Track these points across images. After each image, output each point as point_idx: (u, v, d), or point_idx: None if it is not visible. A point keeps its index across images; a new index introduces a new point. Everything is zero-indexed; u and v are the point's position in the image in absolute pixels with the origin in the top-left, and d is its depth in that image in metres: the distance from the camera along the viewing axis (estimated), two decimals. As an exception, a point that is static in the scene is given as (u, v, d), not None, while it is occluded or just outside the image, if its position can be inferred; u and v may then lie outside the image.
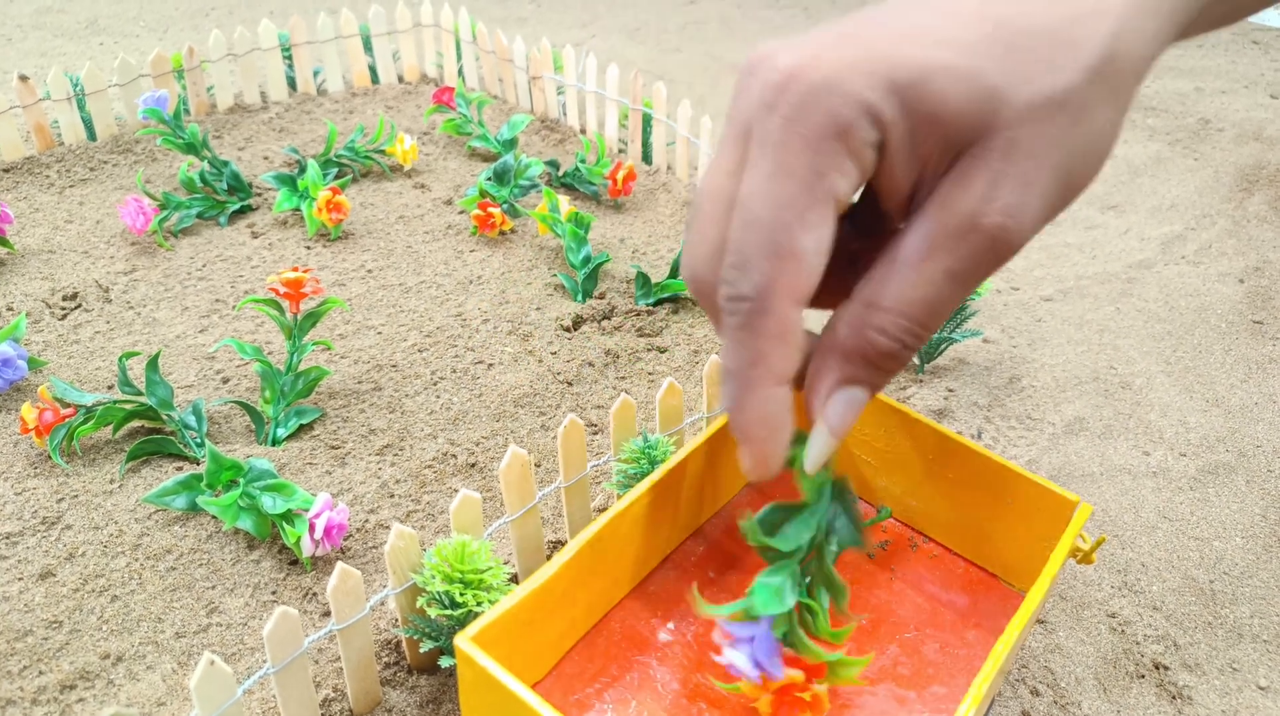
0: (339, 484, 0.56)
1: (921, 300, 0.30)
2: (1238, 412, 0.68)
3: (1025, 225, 0.30)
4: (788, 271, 0.29)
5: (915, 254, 0.30)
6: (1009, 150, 0.29)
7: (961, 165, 0.30)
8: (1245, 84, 1.25)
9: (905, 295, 0.30)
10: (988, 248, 0.30)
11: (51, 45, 1.23)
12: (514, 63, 1.03)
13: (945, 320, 0.32)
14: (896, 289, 0.30)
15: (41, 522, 0.52)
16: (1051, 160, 0.30)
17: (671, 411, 0.53)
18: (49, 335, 0.66)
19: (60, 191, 0.83)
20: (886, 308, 0.31)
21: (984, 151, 0.29)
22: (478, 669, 0.35)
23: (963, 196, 0.30)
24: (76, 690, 0.44)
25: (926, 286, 0.30)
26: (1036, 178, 0.30)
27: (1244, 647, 0.51)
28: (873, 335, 0.31)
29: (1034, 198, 0.30)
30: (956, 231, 0.30)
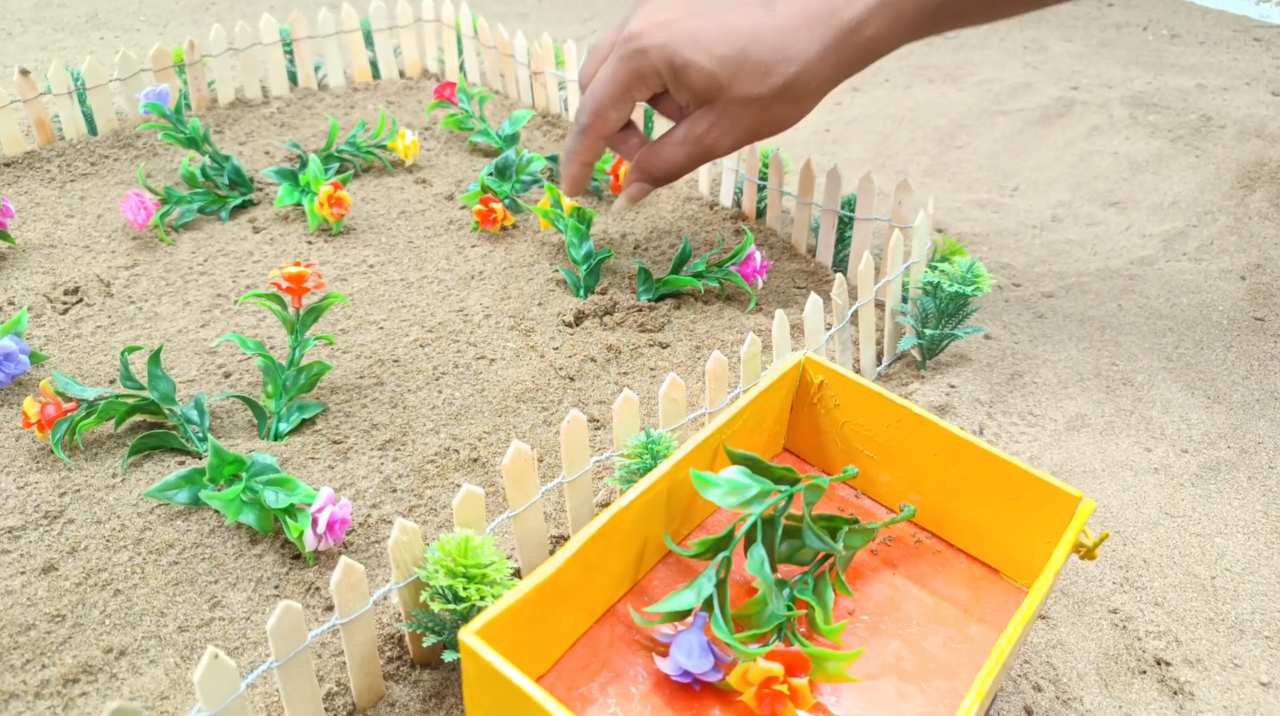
0: (341, 478, 0.56)
1: (673, 157, 0.65)
2: (1239, 409, 0.68)
3: (721, 147, 0.63)
4: (598, 122, 0.65)
5: (676, 137, 0.64)
6: (723, 112, 0.61)
7: (703, 109, 0.62)
8: (1247, 81, 1.25)
9: (668, 155, 0.65)
10: (704, 149, 0.64)
11: (52, 39, 1.22)
12: (515, 58, 1.02)
13: (685, 172, 0.66)
14: (666, 151, 0.65)
15: (44, 517, 0.52)
16: (746, 124, 0.62)
17: (674, 406, 0.53)
18: (50, 329, 0.66)
19: (61, 186, 0.83)
20: (661, 157, 0.66)
21: (712, 108, 0.61)
22: (482, 662, 0.35)
23: (699, 125, 0.63)
24: (79, 684, 0.44)
25: (678, 153, 0.65)
26: (732, 129, 0.62)
27: (1245, 643, 0.51)
28: (650, 165, 0.66)
29: (728, 137, 0.63)
30: (694, 139, 0.63)
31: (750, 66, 0.58)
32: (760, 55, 0.58)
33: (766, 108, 0.60)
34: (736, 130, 0.62)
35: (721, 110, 0.61)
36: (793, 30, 0.58)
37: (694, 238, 0.82)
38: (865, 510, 0.52)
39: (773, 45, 0.58)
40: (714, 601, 0.42)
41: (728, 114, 0.61)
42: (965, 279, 0.64)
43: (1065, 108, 1.17)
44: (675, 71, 0.60)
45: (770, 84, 0.59)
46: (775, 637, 0.43)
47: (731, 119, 0.61)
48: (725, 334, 0.70)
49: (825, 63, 0.59)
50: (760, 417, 0.51)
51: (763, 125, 0.62)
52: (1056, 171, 1.04)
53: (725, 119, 0.61)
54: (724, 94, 0.60)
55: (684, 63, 0.59)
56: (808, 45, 0.58)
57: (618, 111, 0.64)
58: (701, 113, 0.62)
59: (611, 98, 0.63)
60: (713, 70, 0.59)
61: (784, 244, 0.82)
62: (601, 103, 0.64)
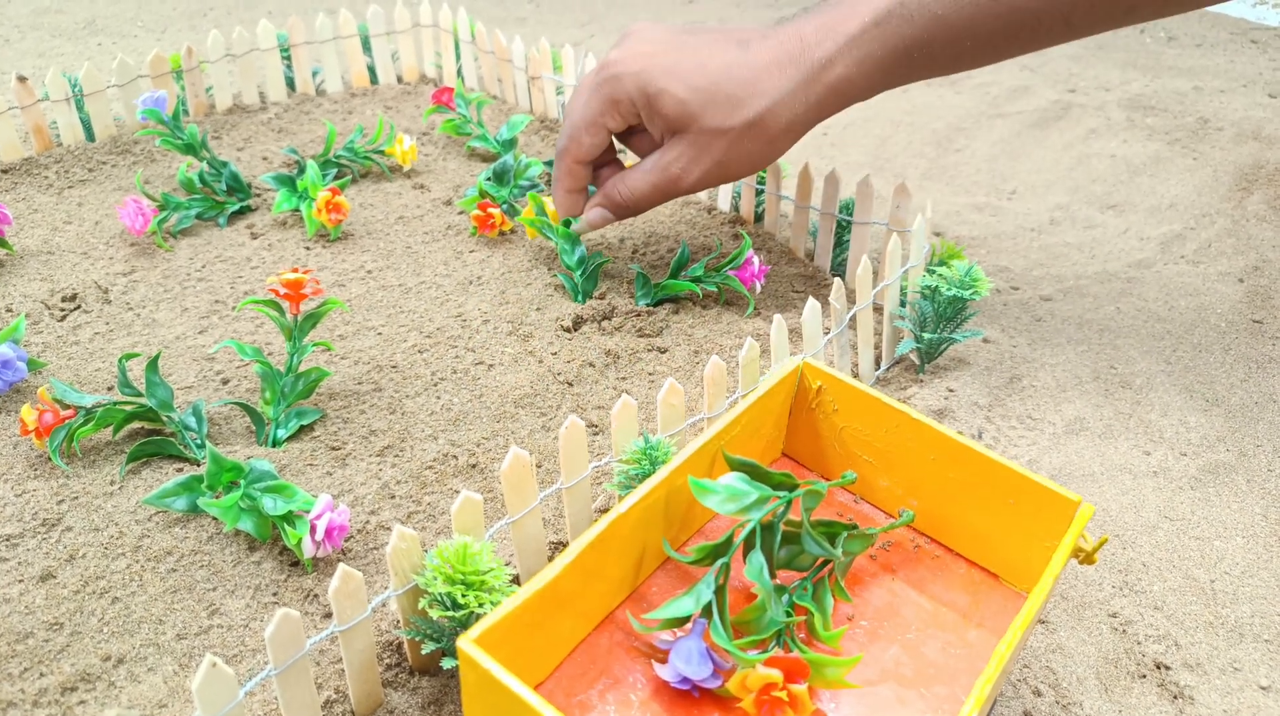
0: (340, 485, 0.56)
1: (638, 188, 0.66)
2: (1238, 412, 0.68)
3: (690, 180, 0.64)
4: (574, 148, 0.67)
5: (644, 169, 0.66)
6: (692, 143, 0.63)
7: (675, 138, 0.64)
8: (1244, 83, 1.26)
9: (633, 184, 0.67)
10: (672, 181, 0.65)
11: (49, 46, 1.22)
12: (513, 63, 1.03)
13: (649, 205, 0.68)
14: (632, 180, 0.66)
15: (42, 524, 0.52)
16: (714, 156, 0.63)
17: (672, 412, 0.53)
18: (48, 336, 0.66)
19: (59, 192, 0.83)
20: (626, 185, 0.67)
21: (683, 138, 0.63)
22: (480, 670, 0.35)
23: (668, 155, 0.64)
24: (78, 692, 0.44)
25: (642, 185, 0.66)
26: (702, 160, 0.63)
27: (1245, 647, 0.51)
28: (615, 193, 0.68)
29: (696, 169, 0.64)
30: (661, 169, 0.65)
31: (722, 98, 0.60)
32: (732, 88, 0.60)
33: (736, 141, 0.61)
34: (704, 161, 0.63)
35: (691, 140, 0.62)
36: (764, 67, 0.60)
37: (692, 242, 0.82)
38: (864, 515, 0.52)
39: (745, 80, 0.60)
40: (713, 608, 0.42)
41: (696, 144, 0.62)
42: (963, 282, 0.64)
43: (1063, 110, 1.18)
44: (649, 99, 0.62)
45: (741, 116, 0.60)
46: (774, 644, 0.42)
47: (700, 149, 0.62)
48: (724, 339, 0.70)
49: (796, 100, 0.60)
50: (759, 423, 0.51)
51: (731, 160, 0.63)
52: (1054, 174, 1.04)
53: (694, 149, 0.62)
54: (695, 123, 0.61)
55: (657, 90, 0.61)
56: (779, 82, 0.60)
57: (591, 137, 0.65)
58: (672, 142, 0.63)
59: (585, 122, 0.65)
60: (685, 98, 0.60)
61: (782, 248, 0.82)
62: (575, 126, 0.66)
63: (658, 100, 0.61)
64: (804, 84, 0.60)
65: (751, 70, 0.60)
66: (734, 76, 0.60)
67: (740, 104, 0.60)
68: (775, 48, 0.60)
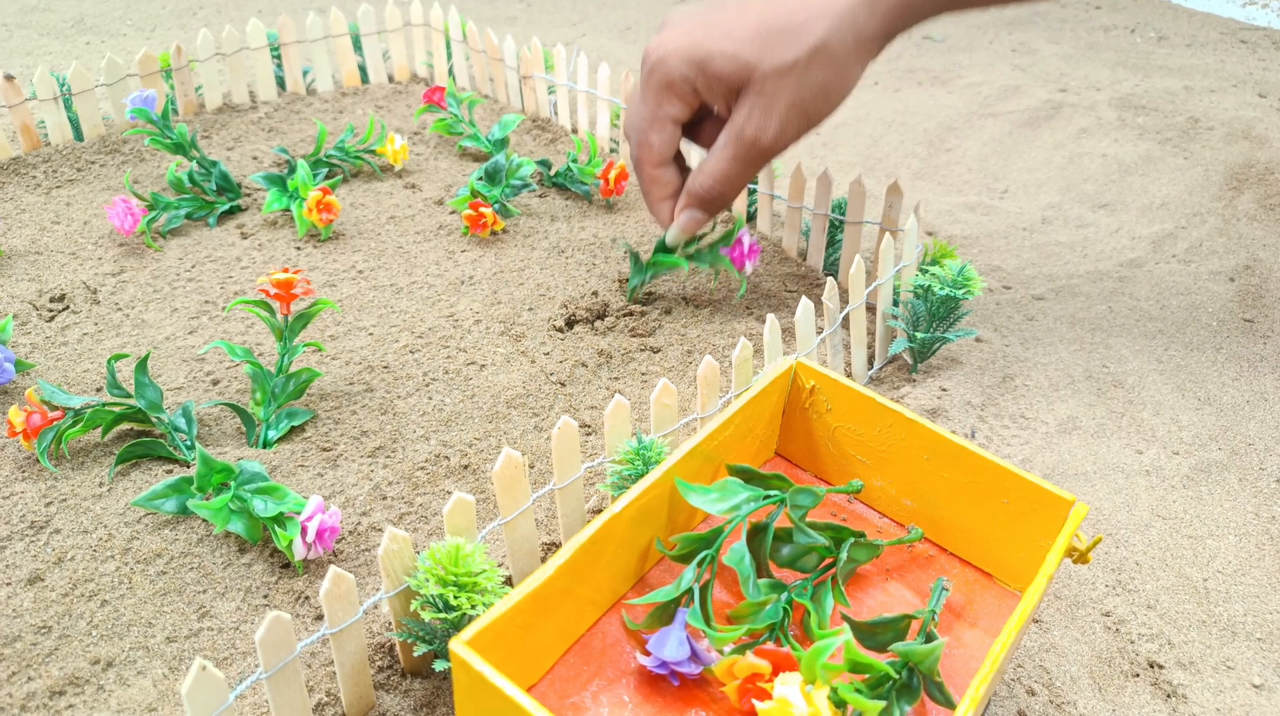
0: (331, 486, 0.55)
1: (719, 171, 0.61)
2: (1229, 411, 0.68)
3: (770, 135, 0.58)
4: (645, 153, 0.63)
5: (719, 147, 0.60)
6: (759, 94, 0.57)
7: (739, 102, 0.58)
8: (1234, 83, 1.26)
9: (712, 168, 0.61)
10: (750, 145, 0.59)
11: (37, 44, 1.22)
12: (505, 62, 1.02)
13: (738, 184, 0.61)
14: (709, 164, 0.61)
15: (30, 527, 0.51)
16: (786, 99, 0.56)
17: (665, 412, 0.52)
18: (36, 337, 0.66)
19: (47, 192, 0.83)
20: (704, 172, 0.61)
21: (747, 95, 0.57)
22: (473, 673, 0.35)
23: (737, 118, 0.58)
24: (66, 696, 0.44)
25: (721, 164, 0.60)
26: (775, 108, 0.57)
27: (1238, 645, 0.51)
28: (696, 187, 0.62)
29: (774, 120, 0.57)
30: (735, 137, 0.59)
31: (775, 35, 0.55)
32: (782, 22, 0.55)
33: (804, 74, 0.56)
34: (778, 109, 0.57)
35: (757, 93, 0.56)
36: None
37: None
38: (858, 515, 0.52)
39: (793, 10, 0.55)
40: (695, 595, 0.42)
41: (764, 93, 0.56)
42: (956, 282, 0.64)
43: (1054, 110, 1.18)
44: (700, 67, 0.57)
45: (802, 46, 0.55)
46: (767, 637, 0.42)
47: (770, 98, 0.56)
48: (717, 338, 0.70)
49: (859, 13, 0.55)
50: (752, 423, 0.51)
51: (806, 98, 0.57)
52: (1046, 174, 1.05)
53: (763, 100, 0.56)
54: (755, 72, 0.56)
55: (705, 55, 0.56)
56: (835, 5, 0.55)
57: (658, 133, 0.61)
58: (738, 105, 0.58)
59: (646, 120, 0.61)
60: (735, 50, 0.56)
61: (775, 248, 0.82)
62: (639, 129, 0.61)
63: (709, 64, 0.56)
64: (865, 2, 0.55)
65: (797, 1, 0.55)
66: (781, 11, 0.55)
67: (797, 33, 0.55)
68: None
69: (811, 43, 0.55)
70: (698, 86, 0.58)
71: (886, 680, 0.39)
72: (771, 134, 0.57)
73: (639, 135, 0.61)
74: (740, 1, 0.57)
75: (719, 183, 0.60)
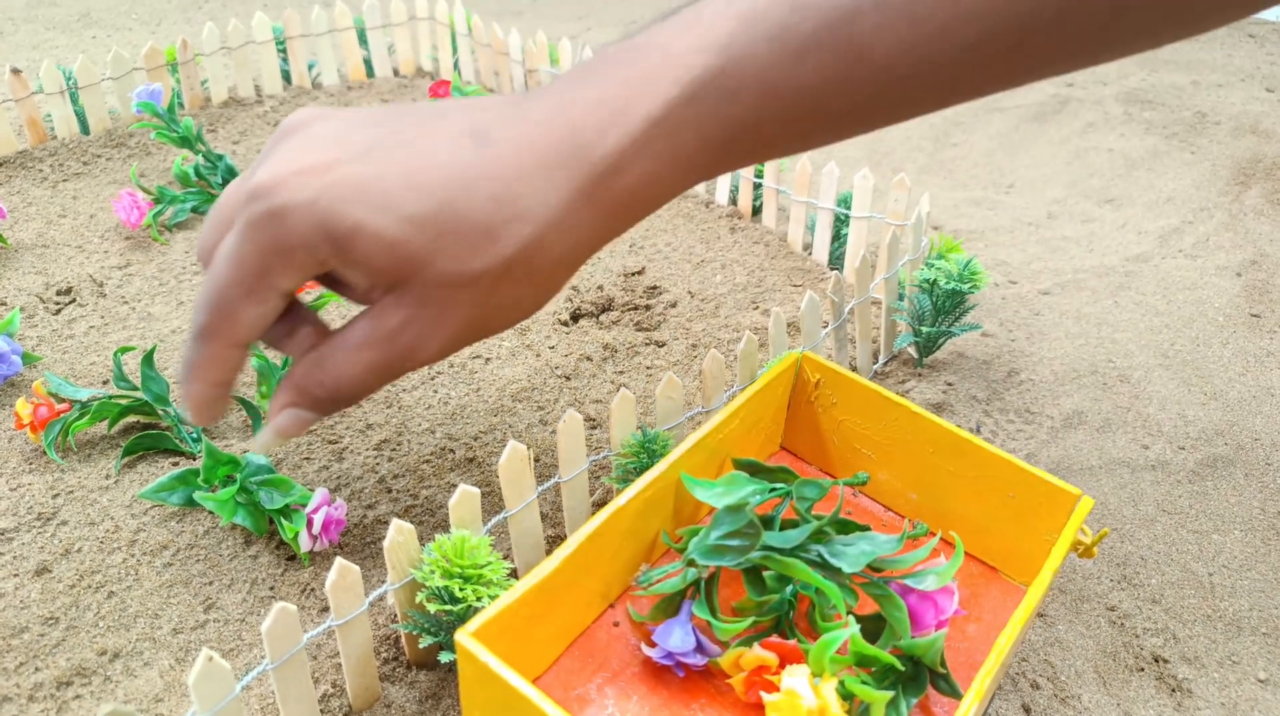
0: (336, 479, 0.55)
1: (347, 376, 0.40)
2: (1236, 406, 0.68)
3: (427, 352, 0.40)
4: (225, 326, 0.39)
5: (353, 341, 0.40)
6: (422, 301, 0.38)
7: (392, 296, 0.39)
8: (1241, 77, 1.26)
9: (341, 369, 0.40)
10: (399, 357, 0.40)
11: (44, 38, 1.22)
12: (510, 56, 1.02)
13: (366, 393, 0.42)
14: (334, 361, 0.40)
15: (37, 519, 0.51)
16: (462, 315, 0.39)
17: (670, 405, 0.52)
18: (43, 330, 0.66)
19: (54, 186, 0.83)
20: (325, 370, 0.41)
21: (405, 295, 0.38)
22: (479, 664, 0.35)
23: (389, 317, 0.39)
24: (73, 686, 0.44)
25: (356, 368, 0.40)
26: (442, 323, 0.39)
27: (1243, 640, 0.51)
28: (312, 384, 0.41)
29: (437, 336, 0.39)
30: (382, 340, 0.39)
31: (461, 229, 0.37)
32: (475, 212, 0.37)
33: (492, 290, 0.39)
34: (448, 323, 0.39)
35: (421, 297, 0.39)
36: (521, 174, 0.38)
37: (690, 235, 0.81)
38: (863, 508, 0.52)
39: (493, 196, 0.37)
40: (701, 586, 0.42)
41: (432, 301, 0.39)
42: (962, 276, 0.64)
43: (1060, 104, 1.17)
44: (338, 243, 0.37)
45: (495, 254, 0.38)
46: (773, 630, 0.43)
47: (438, 308, 0.39)
48: (721, 333, 0.70)
49: (575, 221, 0.39)
50: (757, 416, 0.51)
51: (490, 317, 0.40)
52: (1052, 168, 1.04)
53: (429, 309, 0.39)
54: (423, 272, 0.38)
55: (350, 228, 0.37)
56: (546, 195, 0.38)
57: (254, 306, 0.39)
58: (392, 300, 0.39)
59: (241, 288, 0.39)
60: (399, 237, 0.37)
61: (780, 242, 0.82)
62: (225, 296, 0.39)
63: (352, 243, 0.37)
64: (583, 196, 0.38)
65: (500, 180, 0.38)
66: (473, 191, 0.37)
67: (491, 234, 0.38)
68: (534, 139, 0.38)
69: (508, 253, 0.38)
70: (331, 262, 0.38)
71: (893, 672, 0.39)
72: (433, 350, 0.40)
73: (220, 301, 0.39)
74: (419, 152, 0.38)
75: (344, 385, 0.41)
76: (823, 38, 0.37)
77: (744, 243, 0.81)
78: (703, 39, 0.38)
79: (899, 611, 0.41)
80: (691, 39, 0.38)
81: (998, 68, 0.39)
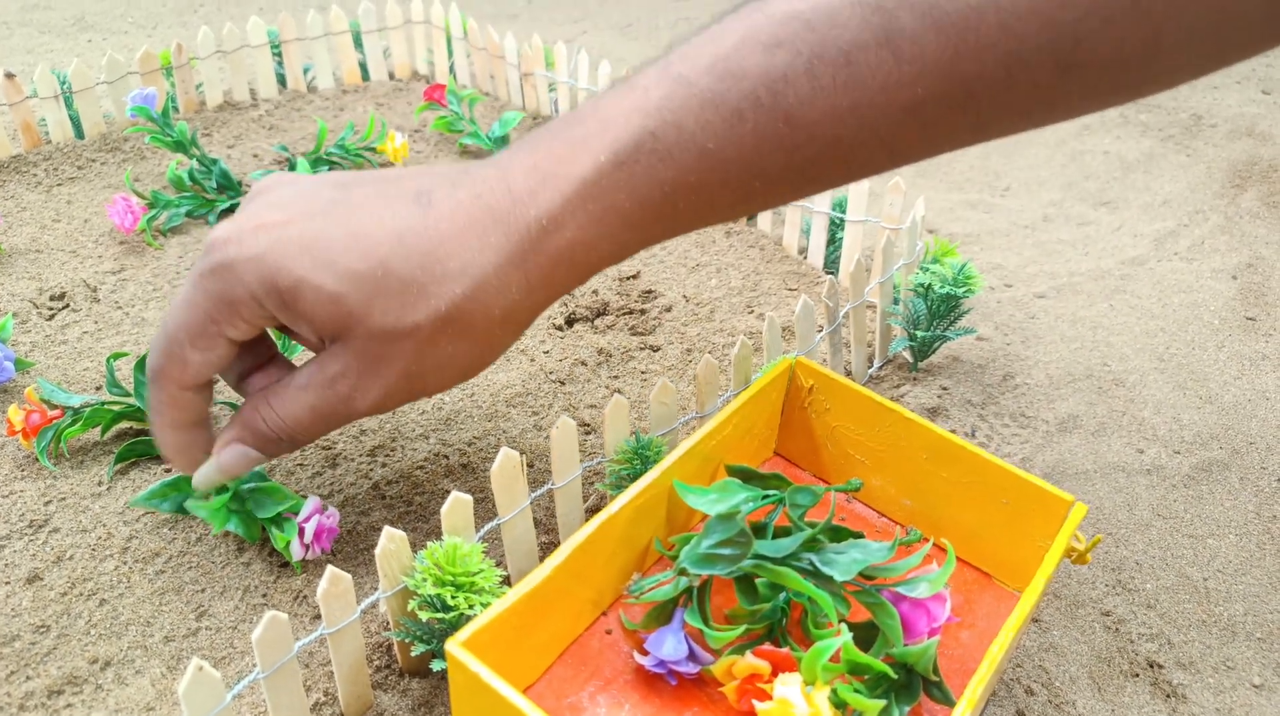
0: (330, 485, 0.55)
1: (291, 415, 0.42)
2: (1231, 409, 0.68)
3: (365, 403, 0.42)
4: (175, 369, 0.42)
5: (300, 383, 0.42)
6: (361, 353, 0.40)
7: (335, 347, 0.41)
8: (1237, 79, 1.26)
9: (286, 409, 0.42)
10: (337, 403, 0.42)
11: (38, 42, 1.22)
12: (505, 59, 1.02)
13: (308, 435, 0.43)
14: (281, 400, 0.42)
15: (29, 526, 0.51)
16: (398, 367, 0.41)
17: (664, 411, 0.52)
18: (36, 336, 0.66)
19: (48, 190, 0.83)
20: (270, 407, 0.43)
21: (345, 347, 0.41)
22: (469, 674, 0.35)
23: (330, 365, 0.41)
24: (64, 695, 0.44)
25: (298, 408, 0.42)
26: (378, 374, 0.41)
27: (1238, 645, 0.51)
28: (259, 422, 0.43)
29: (374, 387, 0.41)
30: (322, 386, 0.41)
31: (394, 285, 0.39)
32: (407, 269, 0.39)
33: (429, 345, 0.40)
34: (384, 376, 0.41)
35: (360, 350, 0.41)
36: (455, 234, 0.40)
37: (685, 240, 0.81)
38: (856, 514, 0.52)
39: (426, 255, 0.39)
40: (693, 594, 0.42)
41: (368, 354, 0.40)
42: (957, 280, 0.64)
43: (1056, 107, 1.17)
44: (281, 296, 0.39)
45: (427, 310, 0.39)
46: (765, 638, 0.42)
47: (374, 360, 0.41)
48: (716, 337, 0.69)
49: (508, 281, 0.40)
50: (751, 422, 0.50)
51: (427, 370, 0.42)
52: (1048, 171, 1.04)
53: (365, 361, 0.41)
54: (359, 326, 0.40)
55: (293, 283, 0.39)
56: (478, 255, 0.39)
57: (202, 352, 0.42)
58: (335, 350, 0.41)
59: (190, 332, 0.41)
60: (337, 292, 0.39)
61: (775, 245, 0.82)
62: (175, 340, 0.42)
63: (295, 297, 0.39)
64: (517, 256, 0.40)
65: (434, 239, 0.39)
66: (410, 250, 0.39)
67: (423, 291, 0.39)
68: (470, 203, 0.40)
69: (440, 309, 0.40)
70: (276, 316, 0.41)
71: (885, 680, 0.39)
72: (371, 400, 0.42)
73: (172, 342, 0.42)
74: (363, 215, 0.41)
75: (290, 429, 0.43)
76: (751, 106, 0.38)
77: (739, 246, 0.81)
78: (636, 103, 0.39)
79: (891, 619, 0.41)
80: (626, 104, 0.39)
81: (943, 128, 0.39)
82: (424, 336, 0.40)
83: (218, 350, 0.42)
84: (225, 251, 0.40)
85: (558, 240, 0.40)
